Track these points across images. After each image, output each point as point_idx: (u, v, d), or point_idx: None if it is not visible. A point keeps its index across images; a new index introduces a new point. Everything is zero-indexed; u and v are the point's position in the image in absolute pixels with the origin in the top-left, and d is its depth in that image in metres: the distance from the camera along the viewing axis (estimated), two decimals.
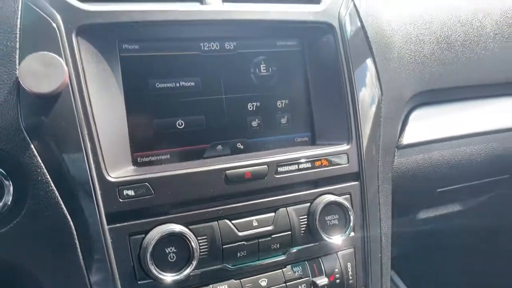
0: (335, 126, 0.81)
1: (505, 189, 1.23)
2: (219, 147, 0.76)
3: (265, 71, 0.80)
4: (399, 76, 0.93)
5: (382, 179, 0.85)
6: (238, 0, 0.77)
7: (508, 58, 1.08)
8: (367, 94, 0.84)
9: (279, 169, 0.73)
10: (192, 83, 0.74)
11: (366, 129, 0.82)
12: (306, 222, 0.74)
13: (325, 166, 0.76)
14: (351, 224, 0.76)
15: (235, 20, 0.75)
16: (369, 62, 0.87)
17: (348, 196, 0.78)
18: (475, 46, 1.04)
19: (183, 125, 0.73)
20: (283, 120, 0.81)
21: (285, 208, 0.73)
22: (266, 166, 0.71)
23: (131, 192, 0.63)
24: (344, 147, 0.79)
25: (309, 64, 0.83)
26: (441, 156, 1.00)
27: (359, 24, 0.88)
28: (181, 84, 0.73)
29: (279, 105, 0.81)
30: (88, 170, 0.61)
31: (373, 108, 0.85)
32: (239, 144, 0.77)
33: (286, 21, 0.79)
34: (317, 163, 0.76)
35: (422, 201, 1.16)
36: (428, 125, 1.00)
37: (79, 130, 0.62)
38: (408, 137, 0.96)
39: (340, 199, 0.75)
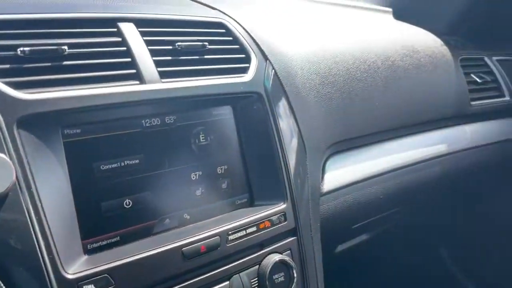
0: (270, 186, 0.88)
1: (397, 220, 1.43)
2: (167, 220, 0.77)
3: (204, 140, 0.84)
4: (315, 131, 1.05)
5: (314, 229, 0.94)
6: (174, 76, 0.80)
7: (395, 108, 1.27)
8: (295, 153, 0.93)
9: (229, 237, 0.77)
10: (137, 161, 0.75)
11: (297, 186, 0.90)
12: (257, 284, 0.79)
13: (268, 227, 0.83)
14: (295, 280, 0.83)
15: (175, 97, 0.78)
16: (293, 123, 0.97)
17: (289, 251, 0.86)
18: (371, 99, 1.21)
19: (131, 204, 0.73)
20: (224, 185, 0.85)
21: (238, 275, 0.77)
22: (218, 237, 0.75)
23: (91, 287, 0.61)
24: (282, 206, 0.86)
25: (243, 130, 0.89)
26: (354, 198, 1.14)
27: (281, 89, 0.97)
28: (125, 163, 0.74)
29: (219, 171, 0.85)
30: (44, 270, 0.58)
31: (301, 165, 0.94)
32: (186, 214, 0.79)
33: (220, 94, 0.85)
34: (261, 226, 0.82)
35: (339, 238, 1.30)
36: (341, 172, 1.13)
37: (31, 228, 0.59)
38: (327, 185, 1.08)
39: (285, 257, 0.82)
